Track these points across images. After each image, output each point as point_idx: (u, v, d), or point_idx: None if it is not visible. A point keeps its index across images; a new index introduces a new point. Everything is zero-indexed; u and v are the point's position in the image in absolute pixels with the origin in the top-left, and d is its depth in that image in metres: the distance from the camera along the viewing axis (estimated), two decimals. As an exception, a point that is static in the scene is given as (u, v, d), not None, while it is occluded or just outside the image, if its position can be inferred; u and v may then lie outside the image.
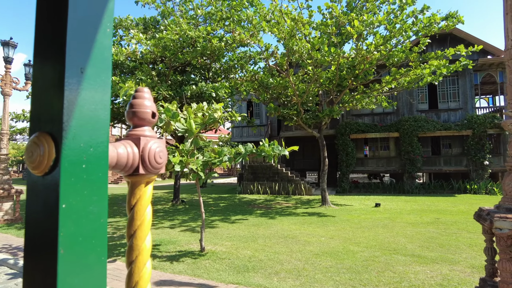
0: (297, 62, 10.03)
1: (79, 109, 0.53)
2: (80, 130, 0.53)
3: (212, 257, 5.77)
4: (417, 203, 12.96)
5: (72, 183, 0.51)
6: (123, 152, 0.66)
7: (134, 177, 0.70)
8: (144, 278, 0.70)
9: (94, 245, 0.55)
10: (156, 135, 0.76)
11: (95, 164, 0.55)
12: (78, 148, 0.52)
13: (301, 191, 16.37)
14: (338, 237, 7.28)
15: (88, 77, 0.54)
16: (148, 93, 0.77)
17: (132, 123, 0.74)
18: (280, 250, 6.21)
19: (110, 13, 0.58)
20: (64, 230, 0.50)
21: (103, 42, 0.56)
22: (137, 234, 0.70)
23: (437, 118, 17.30)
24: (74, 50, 0.52)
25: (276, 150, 5.52)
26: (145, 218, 0.71)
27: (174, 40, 8.94)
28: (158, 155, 0.72)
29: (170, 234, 7.82)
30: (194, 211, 11.56)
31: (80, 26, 0.53)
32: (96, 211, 0.55)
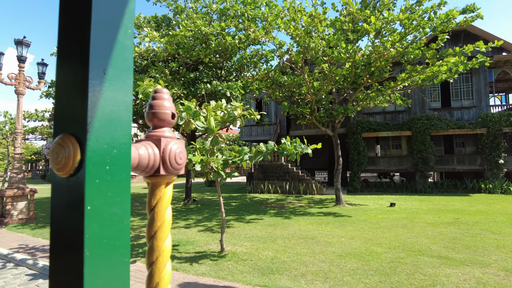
0: (312, 60, 9.87)
1: (102, 110, 0.52)
2: (103, 131, 0.53)
3: (233, 258, 5.66)
4: (432, 202, 12.74)
5: (97, 185, 0.51)
6: (144, 153, 0.66)
7: (155, 178, 0.70)
8: (164, 279, 0.70)
9: (118, 246, 0.55)
10: (176, 136, 0.75)
11: (118, 165, 0.55)
12: (102, 150, 0.52)
13: (312, 190, 16.21)
14: (358, 238, 7.13)
15: (110, 78, 0.54)
16: (167, 94, 0.76)
17: (152, 124, 0.74)
18: (301, 251, 6.07)
19: (131, 14, 0.58)
20: (90, 231, 0.50)
21: (124, 42, 0.56)
22: (158, 235, 0.70)
23: (450, 116, 17.03)
24: (97, 51, 0.52)
25: (298, 148, 5.38)
26: (165, 219, 0.71)
27: (188, 37, 8.83)
28: (178, 156, 0.71)
29: (187, 234, 7.72)
30: (207, 211, 11.46)
31: (103, 27, 0.53)
32: (119, 213, 0.55)
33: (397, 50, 9.88)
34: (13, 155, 9.75)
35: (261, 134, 22.09)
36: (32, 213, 9.83)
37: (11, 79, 9.49)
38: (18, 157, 9.63)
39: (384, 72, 10.69)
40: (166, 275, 0.70)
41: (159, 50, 9.10)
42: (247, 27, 8.62)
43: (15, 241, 7.36)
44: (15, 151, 9.62)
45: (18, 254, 6.29)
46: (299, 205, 12.62)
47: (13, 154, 9.72)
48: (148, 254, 0.70)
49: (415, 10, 9.49)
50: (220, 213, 8.93)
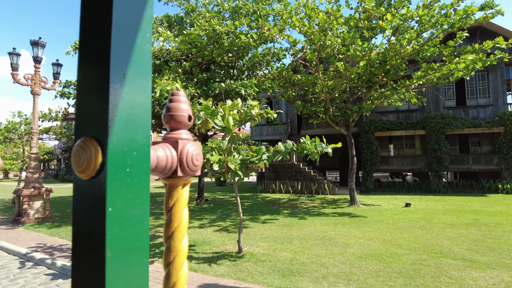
0: (326, 58, 9.74)
1: (122, 113, 0.53)
2: (123, 134, 0.53)
3: (252, 259, 5.59)
4: (448, 203, 12.49)
5: (117, 187, 0.52)
6: (162, 155, 0.67)
7: (172, 179, 0.71)
8: (181, 279, 0.70)
9: (137, 247, 0.55)
10: (192, 138, 0.75)
11: (138, 167, 0.56)
12: (122, 152, 0.53)
13: (324, 190, 16.06)
14: (376, 239, 6.99)
15: (130, 81, 0.55)
16: (184, 97, 0.77)
17: (169, 126, 0.75)
18: (320, 253, 5.98)
19: (149, 19, 0.59)
20: (111, 232, 0.50)
21: (143, 47, 0.57)
22: (175, 236, 0.70)
23: (465, 115, 16.69)
24: (118, 55, 0.53)
25: (318, 148, 5.28)
26: (182, 220, 0.72)
27: (201, 36, 8.78)
28: (195, 158, 0.72)
29: (202, 234, 7.68)
30: (220, 210, 11.42)
31: (123, 32, 0.54)
32: (139, 214, 0.56)
33: (413, 47, 9.69)
34: (29, 155, 9.85)
35: (272, 133, 22.00)
36: (48, 213, 9.91)
37: (27, 80, 9.58)
38: (34, 156, 9.72)
39: (400, 70, 10.50)
40: (183, 275, 0.71)
41: (173, 49, 9.08)
42: (261, 26, 8.53)
43: (33, 240, 7.42)
44: (31, 150, 9.71)
45: (37, 253, 6.33)
46: (312, 205, 12.50)
47: (29, 154, 9.82)
48: (165, 254, 0.71)
49: (432, 6, 9.29)
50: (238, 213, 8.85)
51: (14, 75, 9.27)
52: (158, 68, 10.99)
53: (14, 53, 9.32)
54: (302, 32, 9.21)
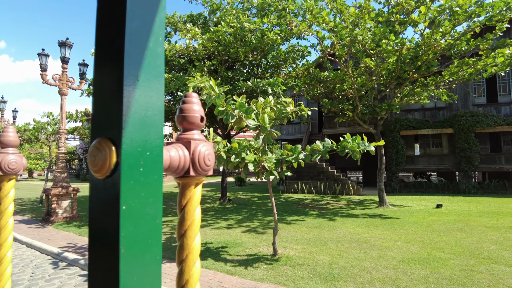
0: (355, 54, 9.42)
1: (136, 115, 0.54)
2: (137, 135, 0.55)
3: (289, 262, 5.37)
4: (482, 204, 11.93)
5: (131, 186, 0.53)
6: (175, 155, 0.68)
7: (185, 179, 0.72)
8: (193, 276, 0.71)
9: (150, 244, 0.56)
10: (204, 138, 0.76)
11: (151, 167, 0.57)
12: (136, 152, 0.55)
13: (349, 191, 15.68)
14: (414, 242, 6.66)
15: (143, 83, 0.56)
16: (197, 98, 0.78)
17: (182, 127, 0.76)
18: (358, 256, 5.71)
19: (162, 23, 0.60)
20: (125, 230, 0.52)
21: (156, 50, 0.58)
22: (188, 234, 0.71)
23: (497, 112, 15.96)
24: (131, 58, 0.54)
25: (361, 146, 5.03)
26: (195, 218, 0.73)
27: (229, 34, 8.62)
28: (207, 158, 0.73)
29: (231, 235, 7.52)
30: (245, 210, 11.26)
31: (136, 36, 0.55)
32: (152, 212, 0.57)
33: (447, 42, 9.25)
34: (57, 155, 9.94)
35: (292, 132, 21.71)
36: (76, 212, 9.98)
37: (56, 80, 9.66)
38: (62, 156, 9.80)
39: (432, 66, 10.06)
40: (195, 272, 0.71)
41: (199, 47, 8.96)
42: (289, 22, 8.31)
43: (64, 240, 7.43)
44: (59, 150, 9.80)
45: (69, 253, 6.30)
46: (339, 206, 12.18)
47: (57, 154, 9.90)
48: (178, 252, 0.72)
49: None
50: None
51: (43, 75, 9.35)
52: (182, 67, 10.91)
53: (43, 54, 9.41)
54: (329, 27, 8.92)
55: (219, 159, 5.07)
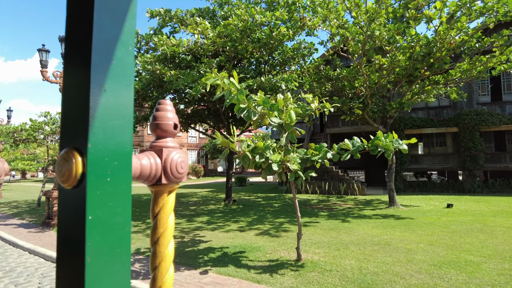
0: (367, 51, 9.16)
1: (103, 124, 0.54)
2: (104, 145, 0.54)
3: (316, 268, 5.07)
4: (491, 203, 11.79)
5: (98, 196, 0.53)
6: (146, 164, 0.68)
7: (157, 187, 0.72)
8: (167, 283, 0.72)
9: (119, 253, 0.56)
10: (178, 146, 0.76)
11: (120, 176, 0.57)
12: (103, 162, 0.54)
13: (353, 191, 15.46)
14: (438, 244, 6.42)
15: (111, 93, 0.55)
16: (171, 105, 0.79)
17: (155, 134, 0.76)
18: (386, 260, 5.43)
19: (131, 32, 0.59)
20: (91, 240, 0.52)
21: (125, 59, 0.58)
22: (160, 241, 0.72)
23: (502, 110, 15.89)
24: (98, 68, 0.53)
25: (395, 144, 4.75)
26: (168, 226, 0.73)
27: (239, 28, 8.30)
28: (179, 165, 0.73)
29: (246, 238, 7.20)
30: (252, 212, 10.93)
31: (104, 45, 0.54)
32: (120, 222, 0.57)
33: (461, 38, 9.04)
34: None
35: (293, 132, 21.42)
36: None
37: (56, 77, 9.22)
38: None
39: (444, 63, 9.86)
40: (168, 279, 0.72)
41: (208, 42, 8.61)
42: (302, 16, 8.02)
43: (69, 245, 7.02)
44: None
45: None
46: (347, 206, 11.93)
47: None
48: (152, 259, 0.72)
49: None
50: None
51: (43, 72, 8.92)
52: (188, 65, 10.54)
53: (43, 49, 8.98)
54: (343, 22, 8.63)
55: (243, 159, 4.74)
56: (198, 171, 32.81)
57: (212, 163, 37.98)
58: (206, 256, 5.87)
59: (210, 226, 8.62)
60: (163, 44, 8.80)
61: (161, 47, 8.97)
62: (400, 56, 8.67)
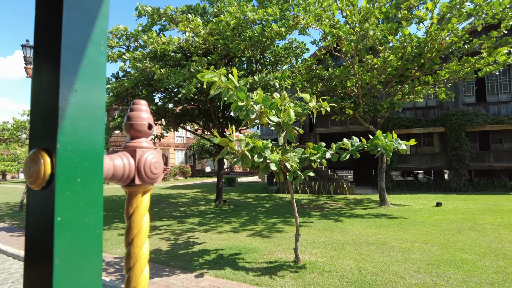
0: (359, 51, 9.17)
1: (74, 125, 0.53)
2: (75, 145, 0.54)
3: (315, 269, 5.00)
4: (478, 202, 12.02)
5: (68, 197, 0.53)
6: (119, 164, 0.67)
7: (131, 188, 0.71)
8: (141, 284, 0.71)
9: (90, 254, 0.56)
10: (153, 146, 0.75)
11: (90, 177, 0.56)
12: (73, 163, 0.54)
13: (343, 190, 15.53)
14: (432, 243, 6.46)
15: (82, 93, 0.55)
16: (145, 106, 0.78)
17: (129, 134, 0.75)
18: (383, 260, 5.41)
19: (104, 32, 0.59)
20: (60, 241, 0.51)
21: (97, 59, 0.57)
22: (135, 242, 0.71)
23: (486, 111, 16.27)
24: (68, 68, 0.53)
25: (395, 144, 4.72)
26: (143, 227, 0.72)
27: (230, 26, 8.16)
28: (153, 166, 0.72)
29: (240, 239, 7.08)
30: (244, 212, 10.81)
31: (74, 45, 0.54)
32: (91, 222, 0.56)
33: (451, 39, 9.17)
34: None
35: (282, 132, 21.39)
36: (64, 217, 9.21)
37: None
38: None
39: (435, 64, 9.98)
40: (143, 280, 0.71)
41: (199, 40, 8.43)
42: (296, 15, 7.96)
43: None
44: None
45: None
46: (338, 206, 11.95)
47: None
48: (126, 260, 0.71)
49: None
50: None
51: (27, 69, 8.56)
52: (177, 63, 10.33)
53: (27, 45, 8.61)
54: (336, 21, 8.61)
55: (243, 159, 4.63)
56: (185, 171, 32.43)
57: (200, 163, 37.63)
58: (201, 259, 5.73)
59: (203, 228, 8.46)
60: (153, 42, 8.59)
61: (151, 45, 8.75)
62: (392, 57, 8.73)
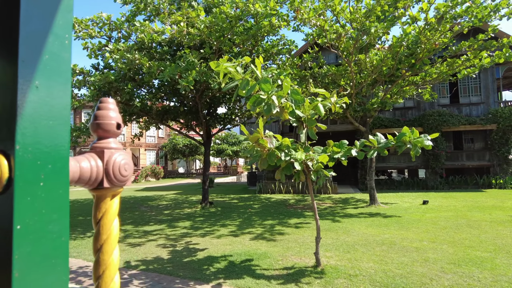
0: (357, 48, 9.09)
1: (35, 125, 0.50)
2: (36, 146, 0.51)
3: (340, 274, 4.72)
4: (458, 199, 12.45)
5: (29, 203, 0.49)
6: (86, 166, 0.64)
7: (99, 191, 0.68)
8: None
9: (54, 264, 0.53)
10: (122, 147, 0.71)
11: (55, 181, 0.53)
12: (34, 166, 0.50)
13: (327, 189, 15.54)
14: (439, 241, 6.44)
15: (44, 91, 0.52)
16: (113, 104, 0.74)
17: (97, 135, 0.71)
18: (402, 261, 5.26)
19: (68, 25, 0.56)
20: (20, 251, 0.47)
21: (60, 54, 0.55)
22: (104, 249, 0.68)
23: (459, 112, 17.03)
24: (28, 64, 0.50)
25: (421, 141, 4.56)
26: (112, 232, 0.69)
27: (228, 18, 7.72)
28: (123, 168, 0.70)
29: (244, 244, 6.66)
30: (234, 214, 10.37)
31: (34, 39, 0.50)
32: (56, 230, 0.53)
33: (442, 40, 9.35)
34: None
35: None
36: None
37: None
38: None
39: (424, 64, 10.15)
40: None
41: (194, 32, 7.89)
42: (297, 8, 7.69)
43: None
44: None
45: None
46: (327, 206, 11.85)
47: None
48: (95, 268, 0.68)
49: None
50: (316, 221, 7.94)
51: None
52: (162, 56, 9.66)
53: None
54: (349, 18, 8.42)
55: (270, 157, 4.24)
56: (157, 172, 31.18)
57: (172, 164, 36.44)
58: (212, 267, 5.25)
59: (198, 232, 7.93)
60: (143, 30, 7.93)
61: (141, 34, 8.08)
62: (389, 55, 8.74)
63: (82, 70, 9.23)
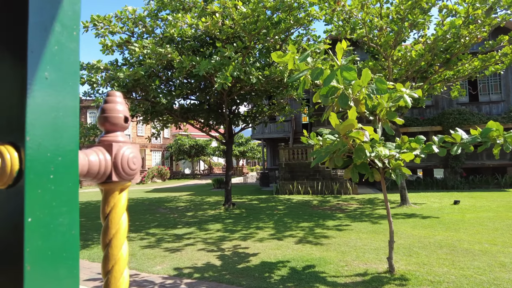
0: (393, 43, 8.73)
1: (45, 117, 0.50)
2: (46, 139, 0.50)
3: (422, 281, 4.33)
4: (488, 199, 12.13)
5: (39, 195, 0.48)
6: (94, 160, 0.63)
7: (108, 185, 0.67)
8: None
9: (65, 258, 0.52)
10: (129, 141, 0.69)
11: (64, 174, 0.52)
12: (44, 158, 0.50)
13: (346, 190, 15.17)
14: (500, 243, 6.08)
15: (54, 82, 0.51)
16: (121, 97, 0.73)
17: (104, 128, 0.70)
18: (476, 265, 4.90)
19: (76, 16, 0.55)
20: (31, 245, 0.47)
21: (69, 45, 0.54)
22: (113, 243, 0.66)
23: (478, 110, 16.76)
24: (37, 54, 0.49)
25: None
26: (121, 226, 0.67)
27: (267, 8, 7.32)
28: (131, 161, 0.68)
29: (293, 248, 6.25)
30: (263, 216, 9.95)
31: (43, 30, 0.50)
32: (66, 223, 0.52)
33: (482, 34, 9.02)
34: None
35: (274, 131, 20.74)
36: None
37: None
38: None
39: (459, 60, 9.82)
40: (122, 284, 0.66)
41: (229, 23, 7.47)
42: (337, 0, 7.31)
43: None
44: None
45: None
46: (356, 206, 11.48)
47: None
48: (104, 263, 0.66)
49: None
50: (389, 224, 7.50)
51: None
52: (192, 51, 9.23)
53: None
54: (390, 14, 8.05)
55: (358, 152, 3.84)
56: (164, 173, 30.65)
57: (176, 164, 35.92)
58: (274, 275, 4.83)
59: (236, 235, 7.50)
60: (176, 24, 7.50)
61: (172, 28, 7.64)
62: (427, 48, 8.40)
63: (106, 66, 8.78)
